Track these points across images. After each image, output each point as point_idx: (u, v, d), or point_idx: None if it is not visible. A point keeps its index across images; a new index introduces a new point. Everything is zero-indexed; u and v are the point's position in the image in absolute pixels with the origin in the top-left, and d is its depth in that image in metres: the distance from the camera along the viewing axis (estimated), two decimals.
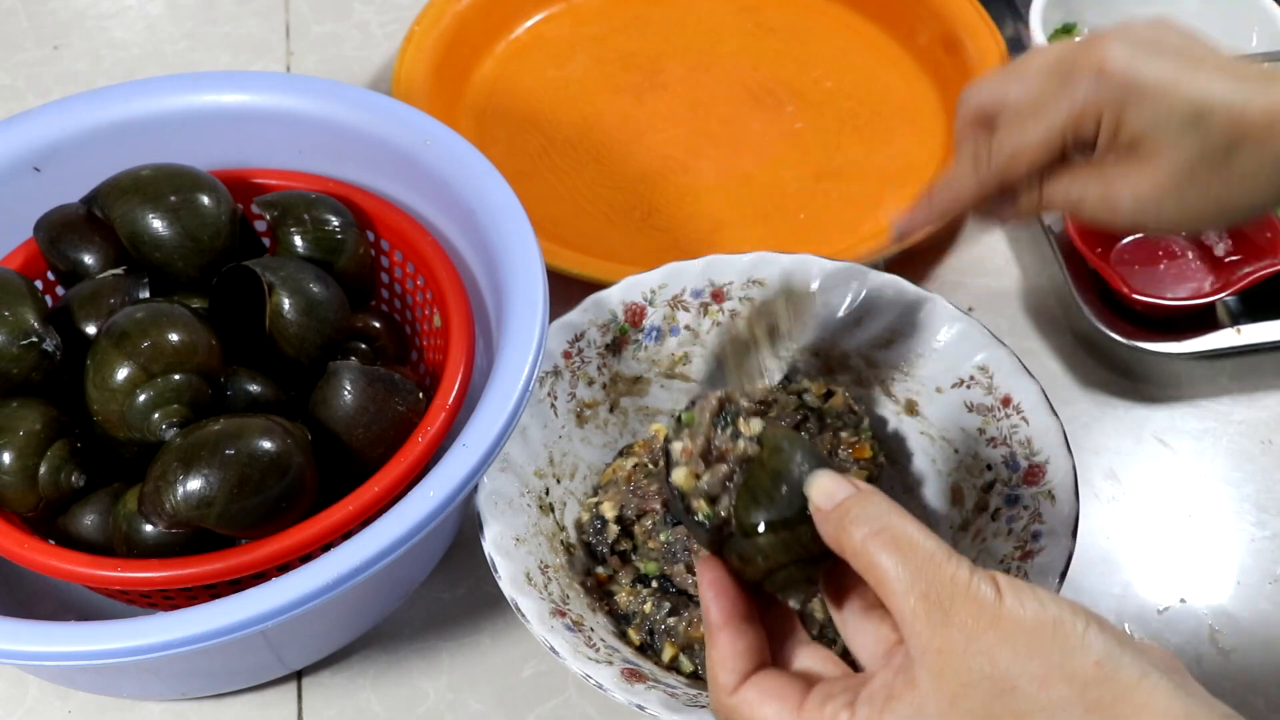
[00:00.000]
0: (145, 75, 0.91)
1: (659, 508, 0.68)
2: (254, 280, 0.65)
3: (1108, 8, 0.96)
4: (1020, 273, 0.86)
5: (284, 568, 0.59)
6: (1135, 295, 0.78)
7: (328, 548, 0.58)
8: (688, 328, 0.74)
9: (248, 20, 1.02)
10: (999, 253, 0.88)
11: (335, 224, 0.70)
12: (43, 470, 0.60)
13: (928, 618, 0.42)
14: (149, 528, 0.59)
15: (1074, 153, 0.59)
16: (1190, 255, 0.83)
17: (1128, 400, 0.80)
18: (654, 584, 0.67)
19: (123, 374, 0.59)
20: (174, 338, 0.60)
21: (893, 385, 0.74)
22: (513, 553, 0.63)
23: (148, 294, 0.65)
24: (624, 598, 0.67)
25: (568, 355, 0.71)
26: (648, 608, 0.66)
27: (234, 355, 0.65)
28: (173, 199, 0.67)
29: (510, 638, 0.70)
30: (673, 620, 0.65)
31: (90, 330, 0.64)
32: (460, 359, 0.65)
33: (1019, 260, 0.87)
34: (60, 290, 0.70)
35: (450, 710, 0.68)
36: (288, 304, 0.65)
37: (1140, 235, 0.84)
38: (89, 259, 0.68)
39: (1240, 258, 0.81)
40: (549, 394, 0.70)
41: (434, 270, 0.70)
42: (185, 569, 0.57)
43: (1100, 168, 0.59)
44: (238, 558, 0.58)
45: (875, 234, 0.83)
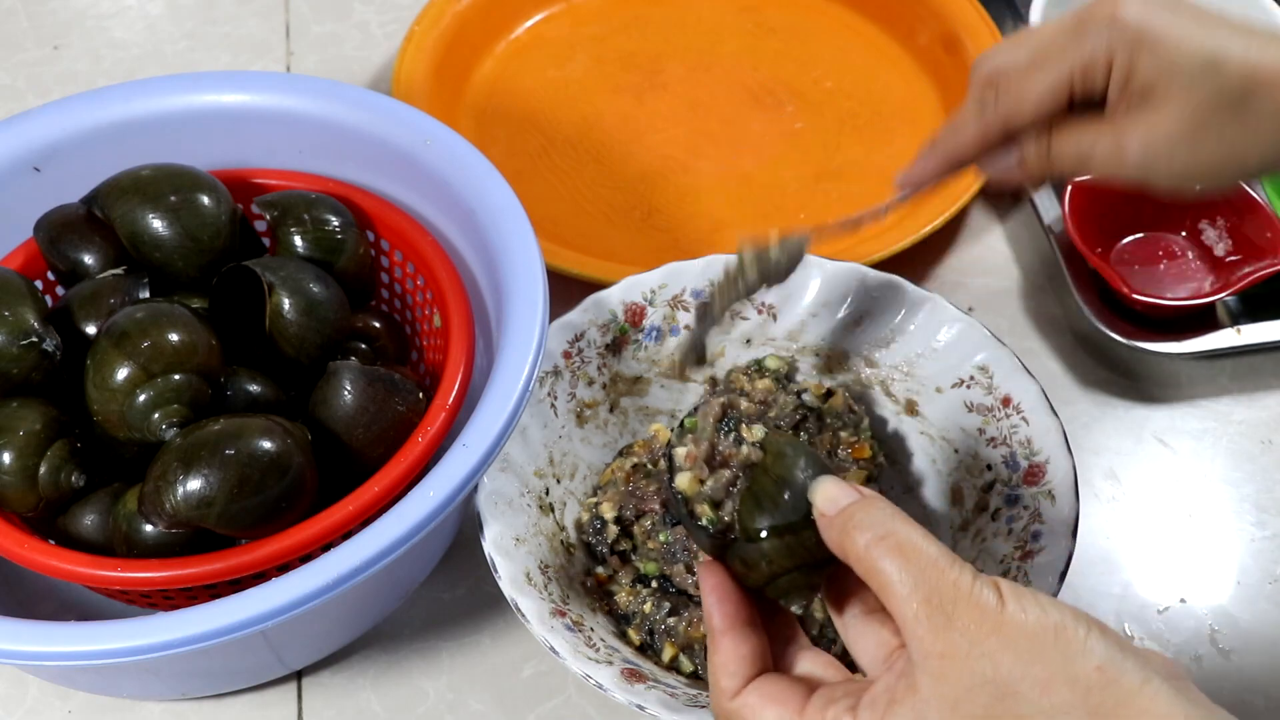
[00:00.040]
0: (145, 75, 0.91)
1: (658, 508, 0.68)
2: (254, 280, 0.65)
3: None
4: (1020, 273, 0.86)
5: (284, 568, 0.59)
6: (1135, 295, 0.78)
7: (328, 548, 0.58)
8: (687, 328, 0.74)
9: (248, 20, 1.02)
10: (999, 253, 0.88)
11: (335, 224, 0.70)
12: (43, 470, 0.60)
13: (930, 622, 0.42)
14: (149, 528, 0.59)
15: (1083, 109, 0.58)
16: (1190, 255, 0.83)
17: (1128, 400, 0.80)
18: (654, 584, 0.67)
19: (123, 374, 0.59)
20: (174, 338, 0.60)
21: (893, 385, 0.74)
22: (513, 553, 0.63)
23: (148, 294, 0.65)
24: (624, 598, 0.67)
25: (568, 355, 0.71)
26: (648, 608, 0.66)
27: (234, 355, 0.65)
28: (173, 199, 0.67)
29: (510, 638, 0.70)
30: (673, 620, 0.65)
31: (90, 330, 0.64)
32: (460, 359, 0.65)
33: (1019, 260, 0.87)
34: (60, 290, 0.70)
35: (450, 710, 0.68)
36: (288, 304, 0.65)
37: (1141, 234, 0.84)
38: (89, 259, 0.68)
39: (1240, 258, 0.81)
40: (549, 394, 0.70)
41: (434, 270, 0.70)
42: (185, 569, 0.58)
43: (1111, 119, 0.57)
44: (238, 558, 0.58)
45: (876, 234, 0.83)
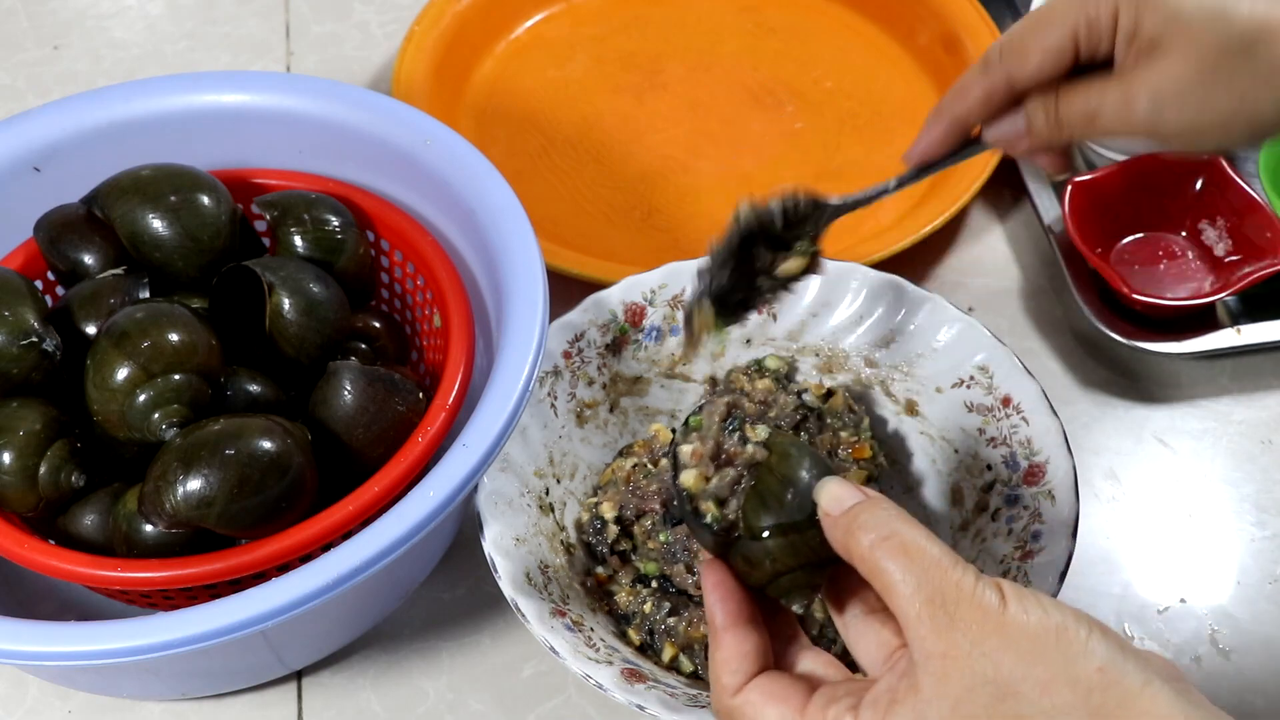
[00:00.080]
0: (145, 75, 0.91)
1: (658, 508, 0.68)
2: (254, 280, 0.65)
3: None
4: (1020, 273, 0.86)
5: (284, 568, 0.59)
6: (1135, 295, 0.78)
7: (328, 548, 0.58)
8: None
9: (248, 20, 1.02)
10: (999, 253, 0.88)
11: (335, 224, 0.70)
12: (43, 470, 0.60)
13: (932, 622, 0.42)
14: (149, 528, 0.59)
15: (1089, 73, 0.57)
16: (1190, 255, 0.83)
17: (1128, 400, 0.80)
18: (654, 584, 0.67)
19: (123, 374, 0.59)
20: (174, 338, 0.60)
21: (893, 385, 0.74)
22: (513, 553, 0.63)
23: (148, 294, 0.65)
24: (624, 598, 0.67)
25: (568, 355, 0.71)
26: (648, 608, 0.66)
27: (234, 355, 0.65)
28: (173, 199, 0.67)
29: (510, 638, 0.70)
30: (673, 620, 0.65)
31: (90, 330, 0.64)
32: (460, 359, 0.65)
33: (1019, 260, 0.87)
34: (60, 290, 0.70)
35: (450, 710, 0.68)
36: (288, 304, 0.65)
37: (1141, 234, 0.84)
38: (89, 259, 0.68)
39: (1240, 258, 0.81)
40: (549, 394, 0.70)
41: (434, 270, 0.70)
42: (185, 569, 0.58)
43: (1119, 74, 0.56)
44: (238, 558, 0.58)
45: (876, 234, 0.83)
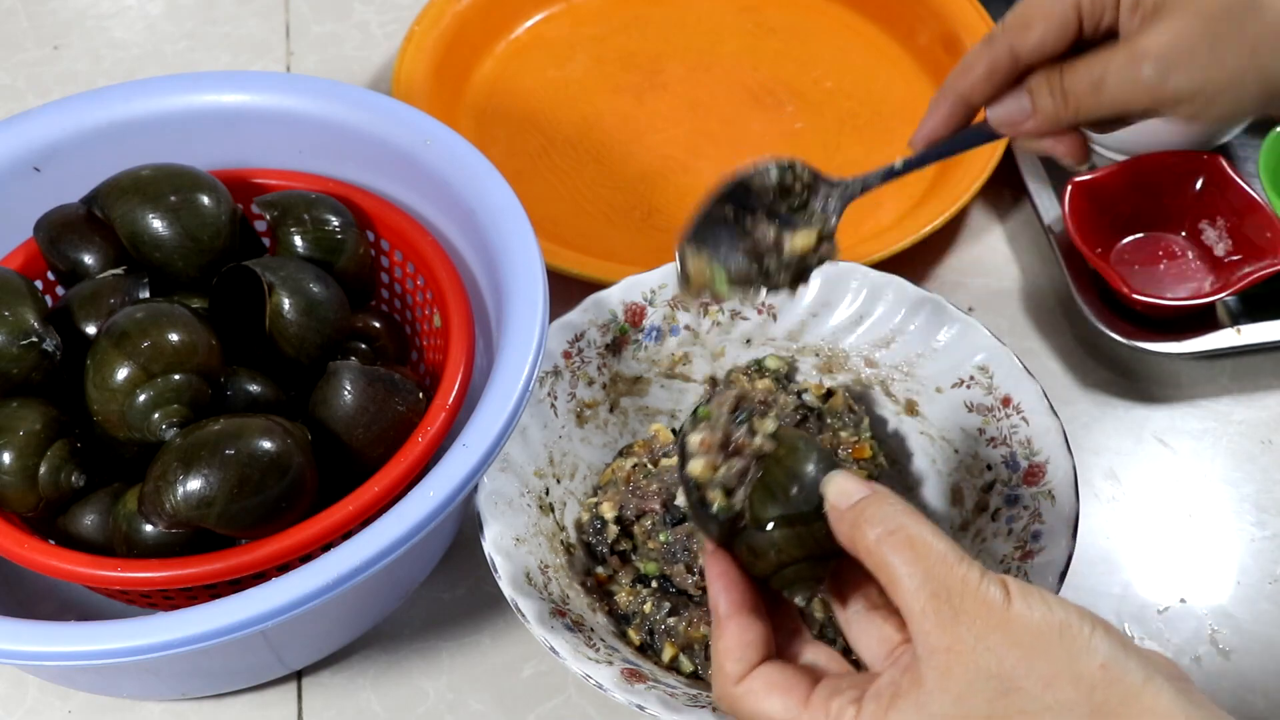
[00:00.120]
0: (145, 75, 0.91)
1: (658, 508, 0.68)
2: (254, 280, 0.65)
3: None
4: (1020, 273, 0.86)
5: (284, 568, 0.59)
6: (1135, 295, 0.78)
7: (328, 548, 0.58)
8: (688, 328, 0.74)
9: (248, 20, 1.02)
10: (999, 253, 0.88)
11: (335, 224, 0.70)
12: (43, 470, 0.60)
13: (937, 616, 0.43)
14: (149, 528, 0.59)
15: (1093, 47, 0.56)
16: (1190, 255, 0.83)
17: (1128, 400, 0.80)
18: (654, 584, 0.67)
19: (123, 374, 0.59)
20: (174, 338, 0.61)
21: (893, 385, 0.74)
22: (513, 553, 0.63)
23: (148, 294, 0.66)
24: (624, 598, 0.67)
25: (568, 355, 0.71)
26: (648, 608, 0.66)
27: (234, 355, 0.65)
28: (173, 199, 0.67)
29: (510, 638, 0.70)
30: (673, 620, 0.65)
31: (90, 330, 0.64)
32: (460, 359, 0.65)
33: (1019, 260, 0.87)
34: (60, 290, 0.70)
35: (450, 710, 0.68)
36: (288, 304, 0.65)
37: (1141, 234, 0.84)
38: (89, 259, 0.68)
39: (1240, 258, 0.81)
40: (549, 394, 0.70)
41: (434, 270, 0.70)
42: (185, 569, 0.58)
43: (1124, 40, 0.55)
44: (238, 558, 0.58)
45: (876, 234, 0.83)
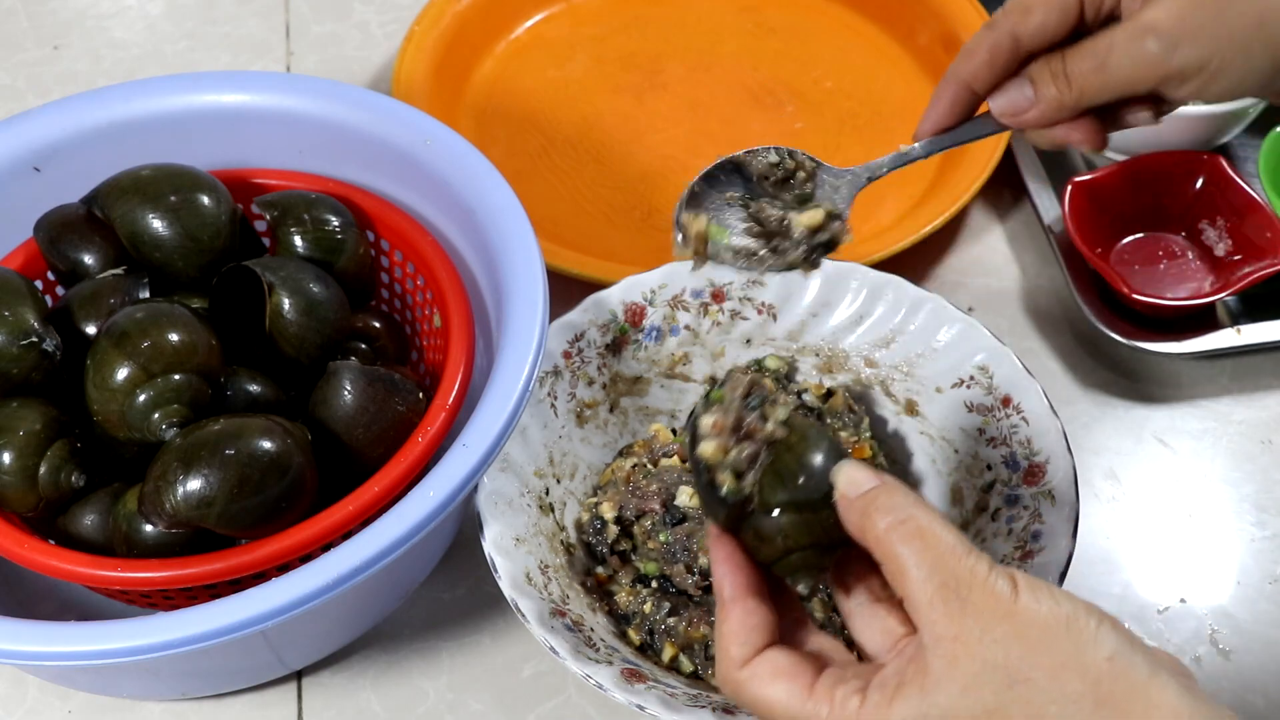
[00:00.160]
0: (145, 75, 0.91)
1: (658, 508, 0.68)
2: (254, 280, 0.65)
3: None
4: (1020, 273, 0.86)
5: (284, 568, 0.59)
6: (1135, 295, 0.78)
7: (328, 548, 0.58)
8: (688, 328, 0.74)
9: (248, 20, 1.02)
10: (999, 253, 0.88)
11: (335, 224, 0.70)
12: (43, 470, 0.60)
13: (945, 606, 0.43)
14: (149, 528, 0.59)
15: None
16: (1190, 255, 0.83)
17: (1128, 400, 0.80)
18: (654, 584, 0.67)
19: (123, 374, 0.59)
20: (174, 338, 0.60)
21: (893, 385, 0.74)
22: (513, 553, 0.63)
23: (148, 294, 0.65)
24: (624, 598, 0.67)
25: (568, 355, 0.71)
26: (648, 608, 0.66)
27: (234, 355, 0.65)
28: (173, 199, 0.67)
29: (510, 638, 0.70)
30: (673, 620, 0.65)
31: (90, 330, 0.64)
32: (460, 359, 0.65)
33: (1019, 260, 0.87)
34: (60, 290, 0.70)
35: (450, 710, 0.68)
36: (288, 304, 0.65)
37: (1141, 234, 0.84)
38: (89, 259, 0.68)
39: (1240, 258, 0.81)
40: (549, 394, 0.70)
41: (434, 270, 0.70)
42: (185, 569, 0.58)
43: (1126, 18, 0.55)
44: (238, 558, 0.58)
45: (876, 234, 0.83)
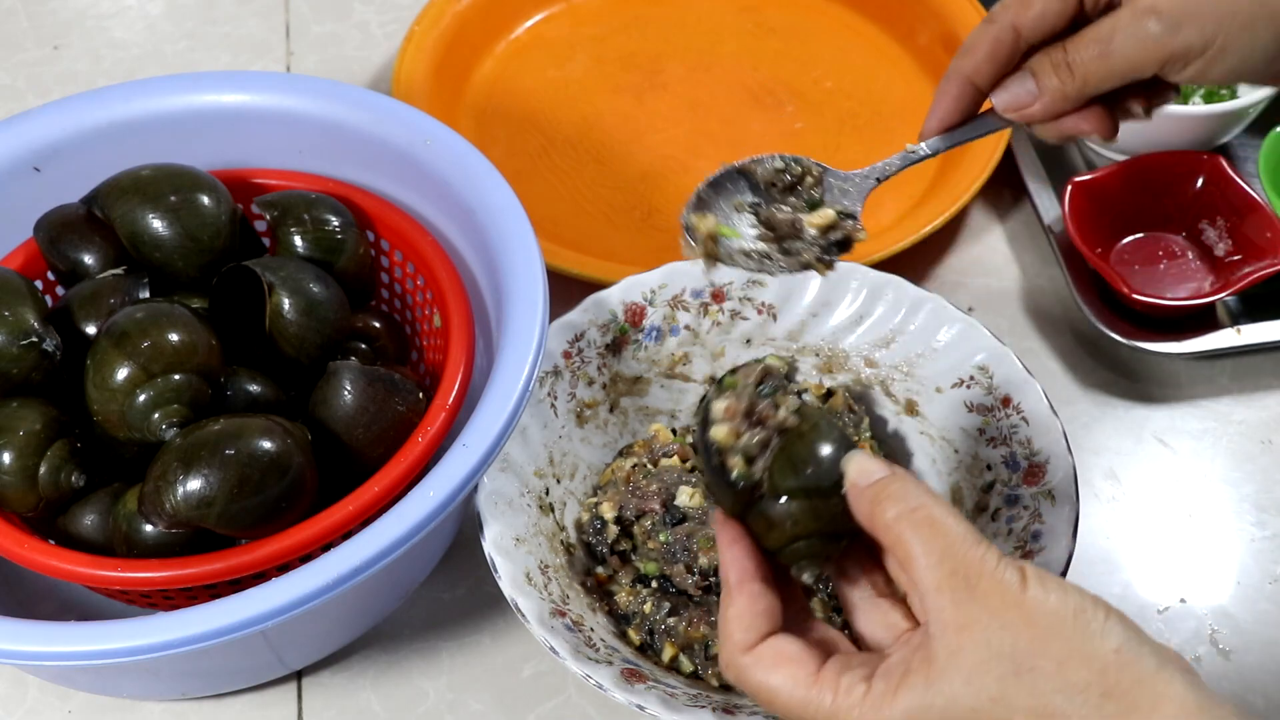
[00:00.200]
0: (145, 75, 0.91)
1: (658, 508, 0.68)
2: (254, 280, 0.65)
3: None
4: (1020, 273, 0.86)
5: (284, 568, 0.59)
6: (1135, 295, 0.78)
7: (328, 548, 0.58)
8: (688, 328, 0.74)
9: (248, 20, 1.02)
10: (999, 253, 0.88)
11: (335, 224, 0.70)
12: (43, 470, 0.60)
13: (953, 594, 0.43)
14: (149, 528, 0.59)
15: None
16: (1190, 255, 0.83)
17: (1128, 400, 0.80)
18: (654, 584, 0.67)
19: (123, 374, 0.59)
20: (174, 338, 0.60)
21: (893, 385, 0.74)
22: (513, 553, 0.63)
23: (148, 294, 0.65)
24: (624, 598, 0.67)
25: (568, 355, 0.71)
26: (648, 608, 0.66)
27: (234, 355, 0.65)
28: (173, 199, 0.67)
29: (510, 638, 0.70)
30: (673, 620, 0.65)
31: (90, 330, 0.64)
32: (460, 359, 0.65)
33: (1019, 260, 0.87)
34: (60, 290, 0.70)
35: (450, 710, 0.68)
36: (288, 304, 0.65)
37: (1141, 234, 0.84)
38: (89, 259, 0.68)
39: (1240, 258, 0.81)
40: (549, 394, 0.70)
41: (434, 270, 0.70)
42: (185, 569, 0.58)
43: (1126, 2, 0.55)
44: (238, 558, 0.58)
45: (876, 234, 0.83)
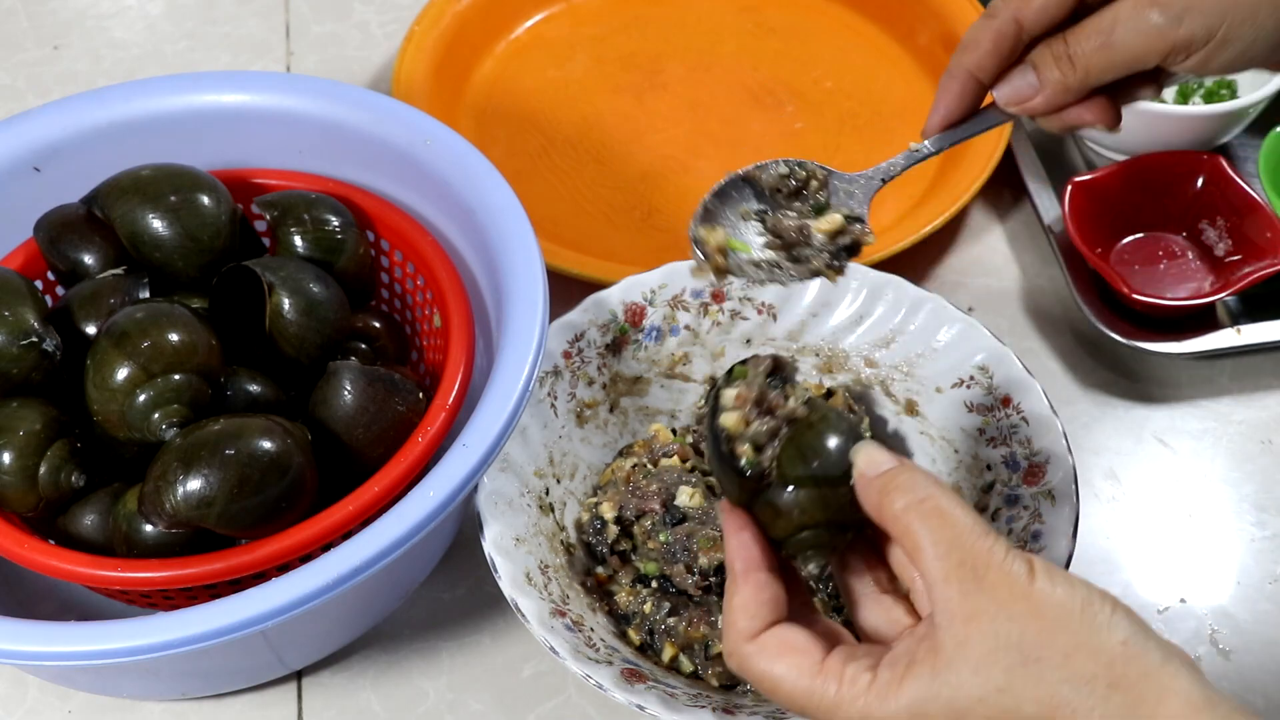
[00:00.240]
0: (145, 75, 0.91)
1: (658, 508, 0.68)
2: (254, 280, 0.65)
3: None
4: (1020, 273, 0.86)
5: (284, 568, 0.59)
6: (1135, 295, 0.78)
7: (328, 548, 0.58)
8: (688, 328, 0.74)
9: (248, 20, 1.02)
10: (999, 253, 0.88)
11: (335, 224, 0.70)
12: (43, 470, 0.60)
13: (960, 584, 0.43)
14: (149, 528, 0.59)
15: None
16: (1190, 255, 0.83)
17: (1128, 400, 0.80)
18: (654, 584, 0.67)
19: (123, 374, 0.59)
20: (174, 338, 0.60)
21: (893, 385, 0.74)
22: (513, 553, 0.63)
23: (148, 294, 0.65)
24: (624, 598, 0.67)
25: (568, 355, 0.71)
26: (647, 608, 0.66)
27: (234, 355, 0.65)
28: (173, 199, 0.67)
29: (510, 638, 0.70)
30: (673, 620, 0.65)
31: (90, 330, 0.64)
32: (460, 359, 0.65)
33: (1019, 260, 0.87)
34: (60, 290, 0.70)
35: (450, 710, 0.68)
36: (288, 304, 0.65)
37: (1141, 234, 0.84)
38: (89, 259, 0.68)
39: (1240, 258, 0.81)
40: (549, 394, 0.70)
41: (434, 270, 0.70)
42: (185, 569, 0.58)
43: None
44: (238, 558, 0.58)
45: (875, 234, 0.83)
